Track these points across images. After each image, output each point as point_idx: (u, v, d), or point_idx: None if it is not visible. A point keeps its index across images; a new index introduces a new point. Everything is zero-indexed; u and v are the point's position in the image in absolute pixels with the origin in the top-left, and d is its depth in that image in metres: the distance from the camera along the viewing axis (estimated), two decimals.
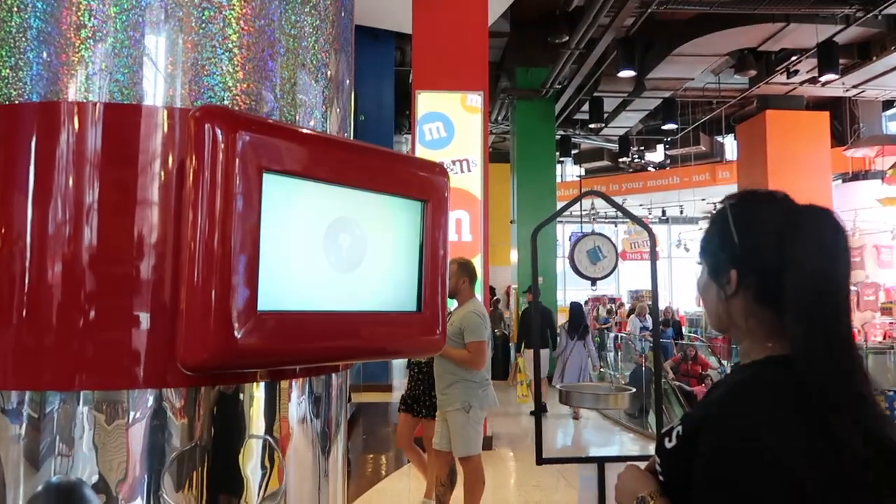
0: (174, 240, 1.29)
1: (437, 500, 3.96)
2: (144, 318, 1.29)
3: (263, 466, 1.48)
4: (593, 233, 2.57)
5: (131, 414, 1.30)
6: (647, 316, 10.24)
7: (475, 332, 3.65)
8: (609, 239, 2.58)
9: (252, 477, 1.45)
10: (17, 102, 1.35)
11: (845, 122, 13.94)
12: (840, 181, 14.07)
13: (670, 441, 1.05)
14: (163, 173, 1.31)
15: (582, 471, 2.34)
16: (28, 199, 1.31)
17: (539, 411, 2.62)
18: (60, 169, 1.31)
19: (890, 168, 10.64)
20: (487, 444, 5.78)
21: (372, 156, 1.53)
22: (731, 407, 0.97)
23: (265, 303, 1.27)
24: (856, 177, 13.70)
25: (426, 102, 6.28)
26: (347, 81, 1.77)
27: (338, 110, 1.74)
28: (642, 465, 1.17)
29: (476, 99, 6.29)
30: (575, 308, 7.58)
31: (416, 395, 4.35)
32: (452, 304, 3.94)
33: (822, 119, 13.16)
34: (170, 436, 1.34)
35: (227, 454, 1.42)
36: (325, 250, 1.41)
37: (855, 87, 12.32)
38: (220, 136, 1.22)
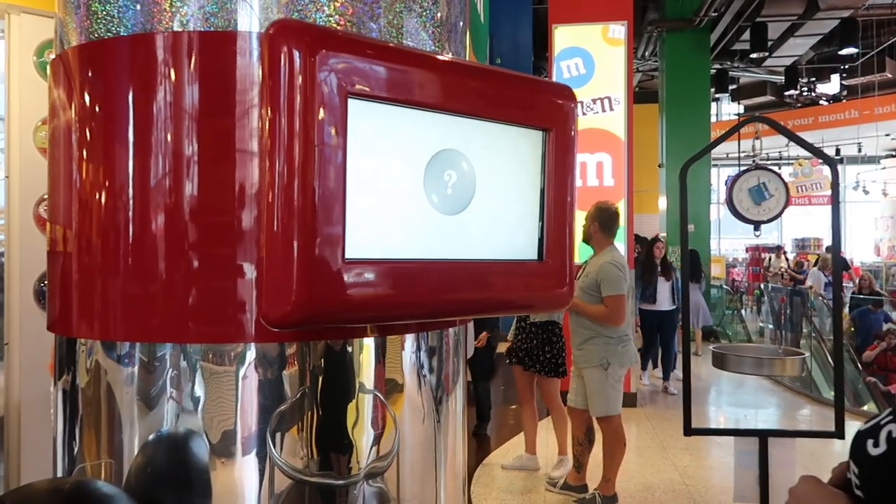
0: None
1: (574, 461, 3.75)
2: (250, 270, 1.19)
3: (375, 424, 1.36)
4: (757, 166, 2.15)
5: (238, 367, 1.23)
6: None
7: (613, 284, 3.35)
8: (777, 174, 2.14)
9: (362, 435, 1.34)
10: (107, 38, 1.26)
11: None
12: None
13: (877, 445, 0.77)
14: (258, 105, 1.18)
15: (739, 444, 2.02)
16: (128, 143, 1.23)
17: (688, 371, 2.32)
18: (159, 108, 1.21)
19: None
20: (630, 401, 5.46)
21: (481, 77, 1.30)
22: None
23: (355, 250, 1.11)
24: None
25: (564, 37, 5.85)
26: (461, 23, 1.56)
27: (450, 54, 1.53)
28: (824, 475, 0.89)
29: (619, 30, 5.76)
30: (693, 255, 8.35)
31: (528, 349, 4.08)
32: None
33: None
34: (277, 391, 1.26)
35: (336, 411, 1.32)
36: (427, 189, 1.21)
37: None
38: (296, 56, 1.05)
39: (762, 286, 11.34)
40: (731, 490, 3.73)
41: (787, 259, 15.22)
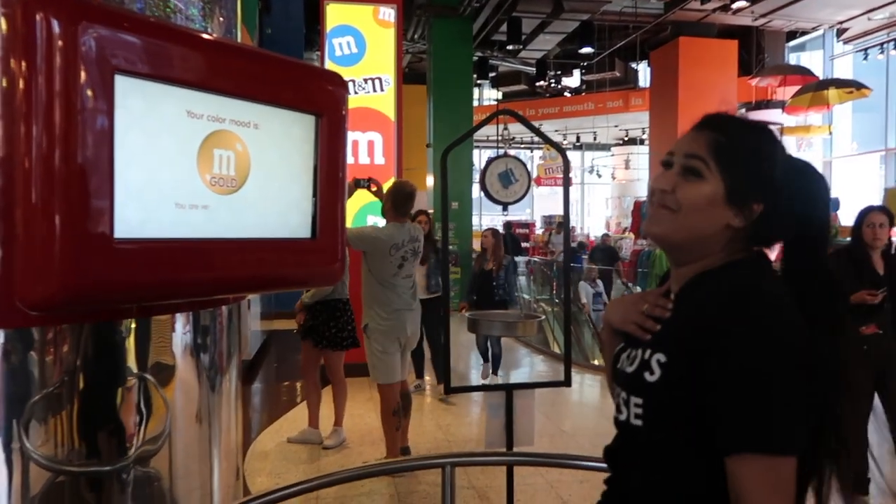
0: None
1: (384, 430, 3.73)
2: None
3: (143, 408, 1.34)
4: (506, 155, 2.45)
5: None
6: (598, 281, 8.72)
7: (354, 233, 3.48)
8: (522, 162, 2.46)
9: (130, 419, 1.32)
10: None
11: (752, 51, 14.30)
12: (744, 110, 14.57)
13: (652, 374, 0.93)
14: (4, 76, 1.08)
15: (490, 398, 2.31)
16: None
17: (447, 338, 2.56)
18: None
19: (791, 98, 11.01)
20: None
21: (256, 60, 1.34)
22: (759, 310, 0.87)
23: (126, 229, 1.09)
24: (758, 106, 14.20)
25: (336, 14, 5.88)
26: None
27: (220, 18, 1.52)
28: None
29: (389, 13, 5.94)
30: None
31: (314, 326, 4.16)
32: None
33: (731, 47, 13.42)
34: (30, 379, 1.18)
35: (100, 397, 1.28)
36: (201, 169, 1.23)
37: (763, 16, 12.56)
38: (56, 29, 1.00)
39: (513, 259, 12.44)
40: (480, 436, 4.17)
41: (583, 242, 16.45)
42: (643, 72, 16.66)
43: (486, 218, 20.56)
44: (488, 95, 20.24)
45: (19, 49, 1.01)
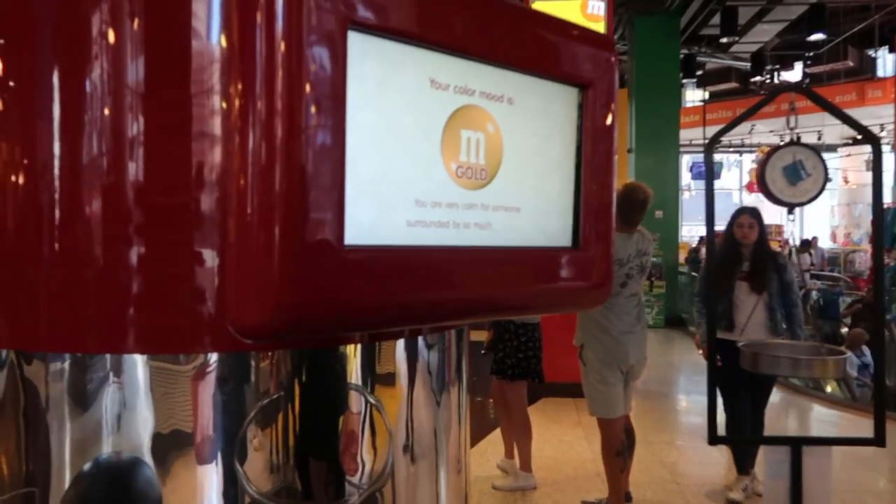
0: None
1: (606, 472, 3.21)
2: (211, 271, 0.89)
3: (366, 445, 1.10)
4: (793, 143, 1.93)
5: (196, 380, 0.95)
6: (866, 348, 6.26)
7: None
8: (816, 151, 1.91)
9: (353, 456, 1.08)
10: None
11: None
12: None
13: None
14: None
15: (770, 454, 1.80)
16: (53, 118, 0.91)
17: (714, 374, 2.05)
18: (93, 82, 0.90)
19: None
20: None
21: (513, 15, 1.03)
22: None
23: (356, 234, 0.83)
24: None
25: (543, 10, 5.61)
26: None
27: None
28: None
29: (599, 6, 5.55)
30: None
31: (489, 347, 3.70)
32: None
33: None
34: (246, 408, 0.98)
35: (319, 429, 1.06)
36: (446, 157, 0.94)
37: None
38: None
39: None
40: (723, 487, 3.54)
41: (810, 255, 12.78)
42: (883, 59, 14.49)
43: (685, 227, 19.18)
44: (691, 97, 18.94)
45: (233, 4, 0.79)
